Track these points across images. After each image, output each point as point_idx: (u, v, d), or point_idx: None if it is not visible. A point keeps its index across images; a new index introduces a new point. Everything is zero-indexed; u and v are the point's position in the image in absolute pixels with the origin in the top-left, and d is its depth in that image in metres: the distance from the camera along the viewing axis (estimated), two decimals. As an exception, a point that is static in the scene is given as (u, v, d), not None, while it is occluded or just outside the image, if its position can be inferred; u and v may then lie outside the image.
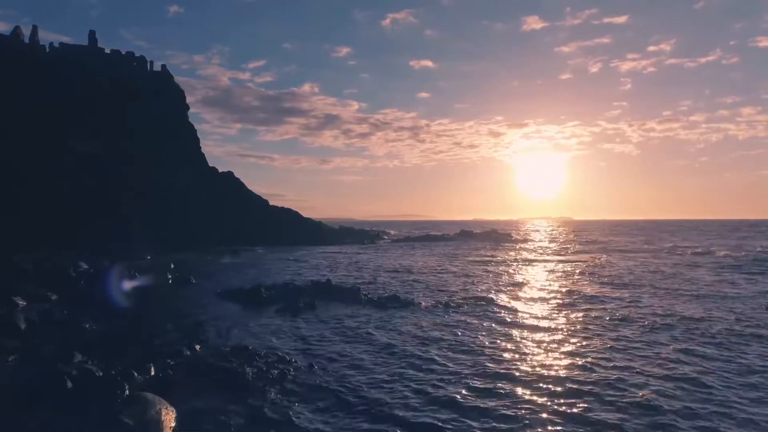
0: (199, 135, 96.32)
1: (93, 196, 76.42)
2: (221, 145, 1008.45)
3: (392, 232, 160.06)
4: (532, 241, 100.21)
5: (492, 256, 63.57)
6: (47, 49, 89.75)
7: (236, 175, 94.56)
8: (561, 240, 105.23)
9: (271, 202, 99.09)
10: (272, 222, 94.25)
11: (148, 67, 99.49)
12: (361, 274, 42.23)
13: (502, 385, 14.30)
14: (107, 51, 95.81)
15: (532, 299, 29.37)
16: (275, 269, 44.97)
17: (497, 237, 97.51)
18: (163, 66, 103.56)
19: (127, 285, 31.53)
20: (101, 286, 30.53)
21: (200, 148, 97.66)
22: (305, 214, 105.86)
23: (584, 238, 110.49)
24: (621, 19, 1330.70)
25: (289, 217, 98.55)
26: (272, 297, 27.71)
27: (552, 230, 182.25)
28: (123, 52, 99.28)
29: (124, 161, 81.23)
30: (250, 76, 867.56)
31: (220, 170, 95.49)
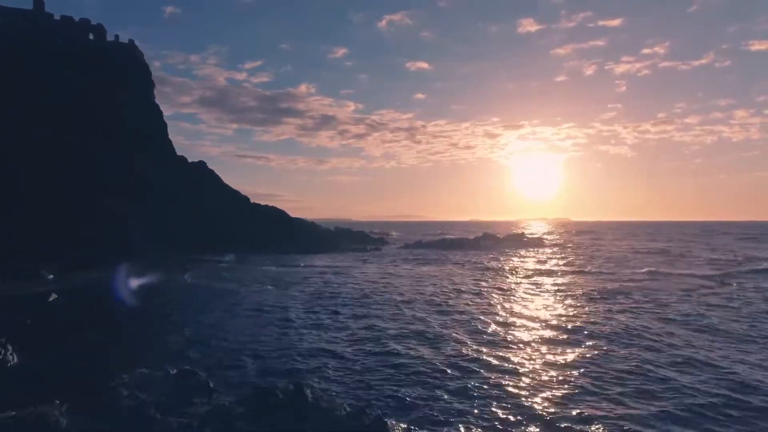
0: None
1: (36, 189, 56.93)
2: (218, 145, 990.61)
3: (395, 233, 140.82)
4: (569, 248, 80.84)
5: (558, 274, 43.89)
6: (-19, 13, 70.44)
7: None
8: (605, 247, 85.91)
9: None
10: (256, 222, 74.82)
11: (113, 38, 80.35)
12: (374, 331, 21.81)
13: None
14: (57, 18, 76.68)
15: None
16: (207, 319, 24.01)
17: (529, 242, 77.86)
18: (131, 41, 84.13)
19: None
20: None
21: (167, 133, 78.19)
22: (302, 214, 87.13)
23: (622, 245, 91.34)
24: (615, 22, 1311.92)
25: (276, 217, 78.85)
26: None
27: (572, 233, 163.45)
28: (76, 20, 79.85)
29: (74, 146, 61.85)
30: (246, 77, 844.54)
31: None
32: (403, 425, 10.99)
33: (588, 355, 17.79)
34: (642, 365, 16.46)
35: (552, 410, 12.65)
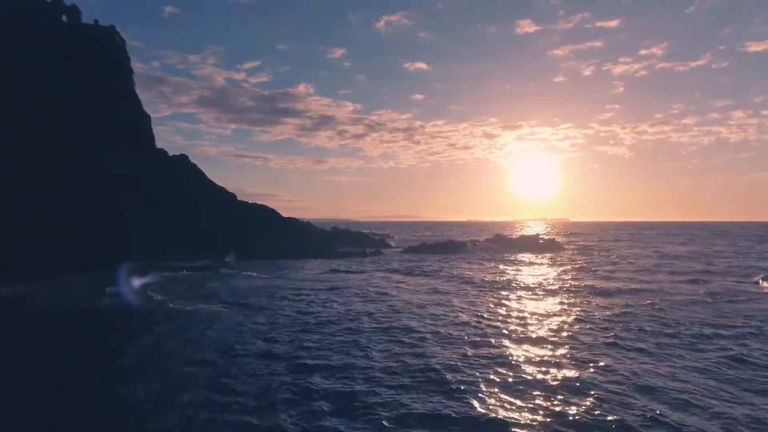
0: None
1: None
2: (216, 145, 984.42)
3: (396, 235, 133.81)
4: (589, 251, 73.80)
5: (609, 293, 35.18)
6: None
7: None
8: (627, 250, 78.96)
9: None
10: (243, 222, 67.69)
11: (91, 23, 73.36)
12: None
13: None
14: (27, -2, 69.39)
15: None
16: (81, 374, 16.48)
17: (545, 245, 70.84)
18: (112, 26, 76.95)
19: None
20: None
21: (151, 126, 71.11)
22: (300, 214, 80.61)
23: (641, 248, 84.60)
24: (613, 23, 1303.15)
25: (267, 216, 71.69)
26: None
27: (576, 234, 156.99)
28: (48, 0, 72.58)
29: (40, 137, 54.66)
30: (245, 77, 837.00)
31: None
32: None
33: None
34: None
35: None
